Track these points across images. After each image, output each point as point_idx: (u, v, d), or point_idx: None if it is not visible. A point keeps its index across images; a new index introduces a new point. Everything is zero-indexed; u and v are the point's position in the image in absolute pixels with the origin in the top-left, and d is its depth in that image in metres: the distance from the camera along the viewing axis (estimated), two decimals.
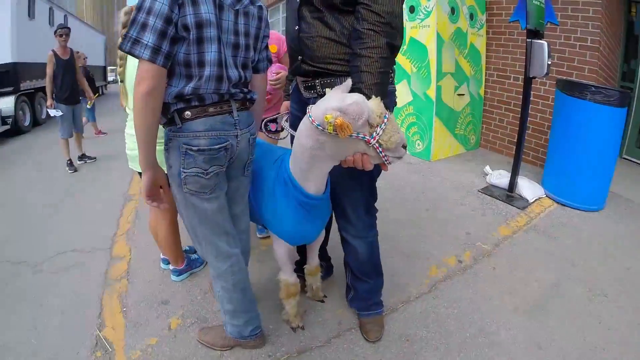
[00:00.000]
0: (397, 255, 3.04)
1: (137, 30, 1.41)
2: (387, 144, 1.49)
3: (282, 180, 1.88)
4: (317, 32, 1.79)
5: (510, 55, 5.15)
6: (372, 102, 1.48)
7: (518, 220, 3.52)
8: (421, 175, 4.76)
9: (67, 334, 2.37)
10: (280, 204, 1.91)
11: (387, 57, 1.59)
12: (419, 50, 5.12)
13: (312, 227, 2.00)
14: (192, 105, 1.61)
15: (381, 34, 1.56)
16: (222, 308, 2.06)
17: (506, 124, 5.29)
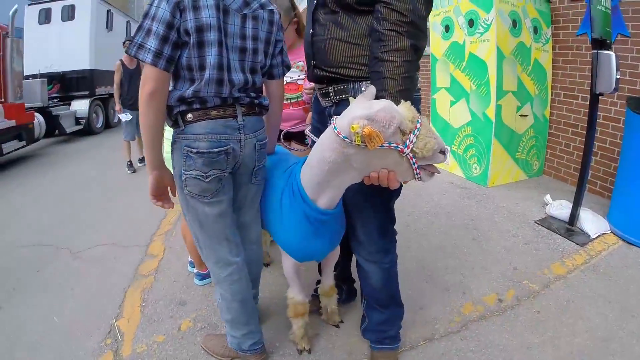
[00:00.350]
0: (431, 287, 2.82)
1: (142, 36, 1.52)
2: (423, 152, 1.35)
3: (290, 190, 1.80)
4: (329, 34, 1.68)
5: (578, 72, 4.70)
6: (402, 107, 1.37)
7: (575, 258, 3.13)
8: (474, 201, 4.44)
9: (87, 317, 2.68)
10: (287, 215, 1.84)
11: (411, 60, 1.46)
12: (478, 66, 4.82)
13: (320, 243, 1.89)
14: (194, 108, 1.66)
15: (404, 34, 1.43)
16: (221, 317, 2.11)
17: (572, 149, 4.82)
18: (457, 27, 5.14)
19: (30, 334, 2.57)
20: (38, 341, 2.50)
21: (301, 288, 2.12)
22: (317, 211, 1.71)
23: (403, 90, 1.45)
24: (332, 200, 1.70)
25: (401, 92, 1.44)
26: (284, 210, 1.83)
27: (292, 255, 1.94)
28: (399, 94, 1.43)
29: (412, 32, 1.44)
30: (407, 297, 2.62)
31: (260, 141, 1.87)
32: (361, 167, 1.47)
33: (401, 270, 2.89)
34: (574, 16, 4.71)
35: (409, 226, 3.83)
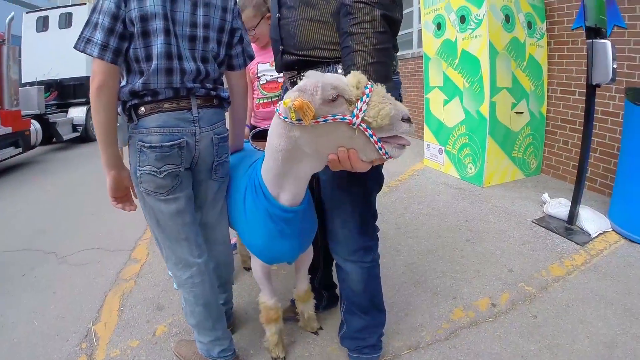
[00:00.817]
0: (419, 291, 2.67)
1: (89, 30, 1.47)
2: (377, 120, 1.16)
3: (252, 187, 1.69)
4: (298, 15, 1.56)
5: (574, 67, 4.55)
6: (350, 74, 1.22)
7: (575, 258, 2.95)
8: (469, 202, 4.26)
9: (65, 321, 2.68)
10: (250, 214, 1.73)
11: (383, 31, 1.31)
12: (471, 63, 4.68)
13: (288, 244, 1.75)
14: (145, 100, 1.61)
15: (374, 5, 1.29)
16: (187, 321, 1.99)
17: (571, 147, 4.65)
18: (448, 24, 5.01)
19: (9, 336, 2.59)
20: (16, 343, 2.50)
21: (272, 292, 2.01)
22: (279, 208, 1.60)
23: (375, 63, 1.30)
24: (294, 195, 1.58)
25: (373, 65, 1.30)
26: (248, 208, 1.73)
27: (258, 256, 1.82)
28: (370, 67, 1.29)
29: (383, 3, 1.30)
30: (392, 302, 2.53)
31: (218, 134, 1.80)
32: (314, 151, 1.33)
33: (388, 274, 2.84)
34: (568, 10, 4.58)
35: (400, 228, 3.67)
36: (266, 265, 1.90)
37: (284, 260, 1.88)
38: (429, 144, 5.80)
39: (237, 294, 2.76)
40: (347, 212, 1.73)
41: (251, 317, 2.49)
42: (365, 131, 1.18)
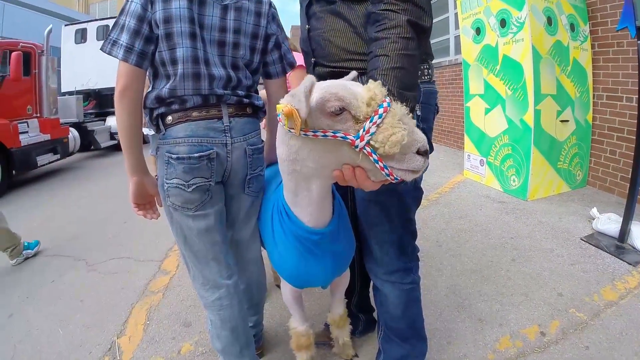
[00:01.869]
0: (462, 316, 2.60)
1: (117, 32, 1.49)
2: (386, 147, 1.04)
3: (277, 207, 1.61)
4: (328, 26, 1.57)
5: (621, 71, 4.42)
6: (365, 86, 1.11)
7: (628, 280, 2.86)
8: (513, 216, 4.19)
9: (90, 332, 2.71)
10: (278, 236, 1.63)
11: (409, 37, 1.27)
12: (513, 69, 4.62)
13: (319, 267, 1.64)
14: (173, 109, 1.59)
15: (400, 12, 1.27)
16: (212, 344, 1.92)
17: (618, 157, 4.51)
18: (488, 28, 4.97)
19: (34, 343, 2.64)
20: (39, 351, 2.55)
21: (303, 317, 1.95)
22: (305, 230, 1.51)
23: (397, 68, 1.23)
24: (316, 216, 1.49)
25: (395, 70, 1.23)
26: (275, 229, 1.64)
27: (287, 280, 1.75)
28: (391, 72, 1.23)
29: (410, 10, 1.28)
30: (434, 329, 2.49)
31: (252, 145, 1.74)
32: (315, 165, 1.24)
33: (430, 297, 2.81)
34: (612, 10, 4.47)
35: (441, 245, 3.63)
36: (296, 290, 1.83)
37: (315, 284, 1.80)
38: (470, 155, 5.73)
39: (268, 313, 2.73)
40: (383, 231, 1.69)
41: (282, 340, 2.47)
42: (370, 155, 1.08)
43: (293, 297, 1.88)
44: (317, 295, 2.92)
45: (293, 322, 1.95)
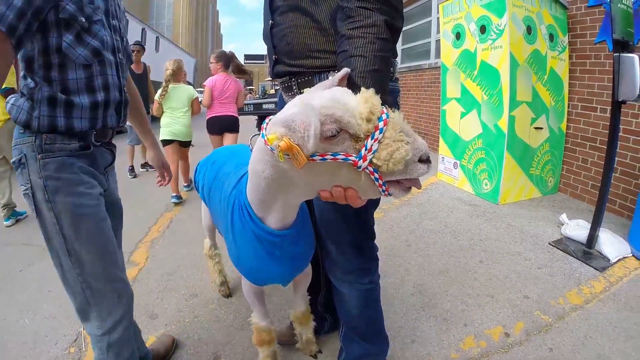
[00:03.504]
0: (427, 316, 2.56)
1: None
2: (389, 165, 0.93)
3: (239, 205, 1.51)
4: (291, 21, 1.48)
5: (596, 82, 4.44)
6: (358, 98, 0.97)
7: (594, 285, 2.84)
8: (484, 219, 4.17)
9: (56, 323, 2.62)
10: (238, 233, 1.53)
11: (385, 38, 1.22)
12: (490, 75, 4.61)
13: (278, 267, 1.57)
14: None
15: (376, 11, 1.20)
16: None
17: (590, 165, 4.54)
18: (468, 34, 4.95)
19: (0, 333, 2.56)
20: (5, 342, 2.47)
21: (264, 313, 1.90)
22: (266, 231, 1.43)
23: (375, 70, 1.18)
24: (282, 220, 1.41)
25: (373, 73, 1.17)
26: (235, 226, 1.54)
27: (246, 277, 1.69)
28: (369, 75, 1.17)
29: (385, 10, 1.22)
30: (398, 327, 2.44)
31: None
32: (306, 186, 1.14)
33: (396, 295, 2.77)
34: (591, 23, 4.50)
35: (410, 245, 3.58)
36: (257, 287, 1.79)
37: (276, 282, 1.74)
38: (444, 157, 5.71)
39: (235, 307, 2.73)
40: (340, 231, 1.64)
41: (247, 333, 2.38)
42: (372, 175, 0.98)
43: (253, 293, 1.84)
44: (283, 290, 2.82)
45: (254, 317, 1.91)
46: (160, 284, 3.09)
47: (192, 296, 2.90)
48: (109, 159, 1.69)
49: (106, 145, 1.65)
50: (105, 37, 1.47)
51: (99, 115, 1.49)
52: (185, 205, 5.13)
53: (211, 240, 2.85)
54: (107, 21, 1.51)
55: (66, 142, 1.42)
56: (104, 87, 1.49)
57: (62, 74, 1.37)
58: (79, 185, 1.44)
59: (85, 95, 1.43)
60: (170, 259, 3.52)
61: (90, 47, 1.40)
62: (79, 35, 1.37)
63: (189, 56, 26.53)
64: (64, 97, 1.38)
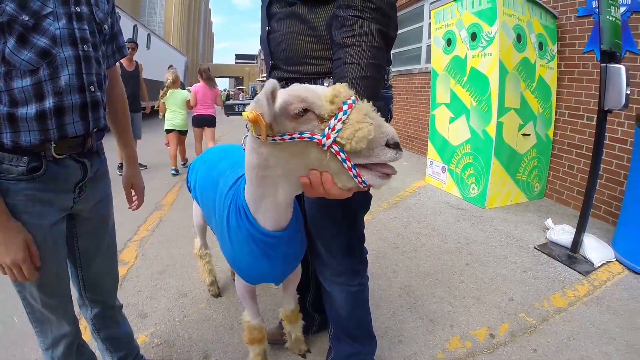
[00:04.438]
0: (414, 317, 2.57)
1: None
2: (352, 143, 0.97)
3: (235, 205, 1.52)
4: (288, 28, 1.49)
5: (584, 91, 4.52)
6: (331, 86, 1.05)
7: (577, 288, 2.88)
8: (470, 223, 4.21)
9: None
10: (234, 233, 1.54)
11: (379, 46, 1.24)
12: (479, 81, 4.66)
13: (272, 266, 1.59)
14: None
15: (370, 20, 1.23)
16: None
17: (576, 172, 4.61)
18: (459, 40, 5.00)
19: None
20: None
21: (256, 311, 1.91)
22: (262, 232, 1.45)
23: (367, 77, 1.20)
24: (276, 220, 1.43)
25: (364, 80, 1.20)
26: (231, 226, 1.56)
27: (240, 275, 1.71)
28: (361, 82, 1.19)
29: (379, 19, 1.24)
30: (386, 327, 2.45)
31: None
32: (285, 171, 1.19)
33: (384, 297, 2.78)
34: (580, 33, 4.58)
35: (398, 247, 3.60)
36: (250, 285, 1.80)
37: (268, 281, 1.77)
38: (432, 162, 5.76)
39: (224, 306, 2.73)
40: (330, 234, 1.66)
41: (237, 332, 2.43)
42: (338, 154, 1.01)
43: (247, 292, 1.84)
44: (273, 291, 2.85)
45: (246, 315, 1.91)
46: (150, 283, 3.08)
47: (182, 295, 2.89)
48: (79, 174, 1.45)
49: (79, 157, 1.43)
50: (57, 30, 1.27)
51: (50, 125, 1.28)
52: (175, 205, 5.13)
53: (202, 240, 2.84)
54: (66, 10, 1.31)
55: (14, 163, 1.26)
56: (56, 92, 1.28)
57: (7, 84, 1.21)
58: (23, 214, 1.30)
59: (33, 105, 1.24)
60: (159, 258, 3.50)
61: (37, 48, 1.23)
62: (23, 37, 1.20)
63: (180, 54, 26.34)
64: (6, 110, 1.21)
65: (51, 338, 1.53)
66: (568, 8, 4.72)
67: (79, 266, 1.65)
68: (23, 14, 1.19)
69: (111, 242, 1.77)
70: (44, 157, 1.31)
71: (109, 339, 1.87)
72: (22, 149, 1.26)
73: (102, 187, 1.63)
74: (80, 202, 1.49)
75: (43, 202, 1.34)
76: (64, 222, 1.46)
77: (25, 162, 1.27)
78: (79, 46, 1.34)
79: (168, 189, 6.00)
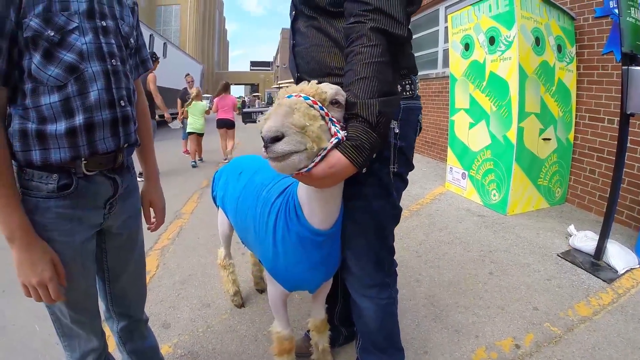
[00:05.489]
0: (439, 327, 2.64)
1: None
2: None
3: (286, 209, 1.60)
4: (310, 41, 1.55)
5: (604, 93, 4.55)
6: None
7: (602, 296, 2.94)
8: (492, 231, 4.27)
9: None
10: (280, 239, 1.62)
11: (374, 44, 1.23)
12: (499, 86, 4.71)
13: (313, 270, 1.66)
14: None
15: (367, 21, 1.24)
16: None
17: (598, 176, 4.64)
18: (477, 45, 5.06)
19: (9, 338, 2.57)
20: (14, 347, 2.48)
21: (287, 321, 1.95)
22: (310, 231, 1.53)
23: (361, 79, 1.22)
24: (325, 219, 1.51)
25: (359, 82, 1.22)
26: (278, 232, 1.63)
27: (280, 282, 1.74)
28: (356, 84, 1.22)
29: (378, 19, 1.24)
30: (410, 338, 2.52)
31: None
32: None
33: (408, 307, 2.86)
34: (599, 34, 4.61)
35: (421, 256, 3.68)
36: (286, 293, 1.82)
37: (306, 288, 1.83)
38: (452, 168, 5.82)
39: (248, 317, 2.79)
40: (360, 247, 1.68)
41: (261, 344, 2.48)
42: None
43: (280, 299, 1.87)
44: (296, 302, 2.92)
45: (277, 326, 1.94)
46: (172, 292, 3.15)
47: (205, 306, 2.95)
48: (110, 191, 1.44)
49: (110, 173, 1.43)
50: (84, 45, 1.27)
51: (80, 142, 1.27)
52: (195, 214, 5.25)
53: (226, 250, 2.87)
54: (92, 24, 1.31)
55: (43, 180, 1.27)
56: (85, 108, 1.27)
57: (35, 100, 1.22)
58: (53, 232, 1.30)
59: (63, 121, 1.24)
60: (180, 267, 3.59)
61: (64, 63, 1.22)
62: (49, 53, 1.20)
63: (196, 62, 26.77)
64: (35, 127, 1.22)
65: (79, 353, 1.54)
66: (585, 9, 4.76)
67: (107, 280, 1.66)
68: (48, 29, 1.19)
69: (140, 256, 1.79)
70: (74, 174, 1.31)
71: (135, 352, 1.88)
72: (51, 166, 1.26)
73: (132, 202, 1.63)
74: (110, 218, 1.49)
75: (73, 219, 1.34)
76: (94, 239, 1.47)
77: (55, 179, 1.27)
78: (107, 61, 1.34)
79: (185, 197, 6.14)
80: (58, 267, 1.29)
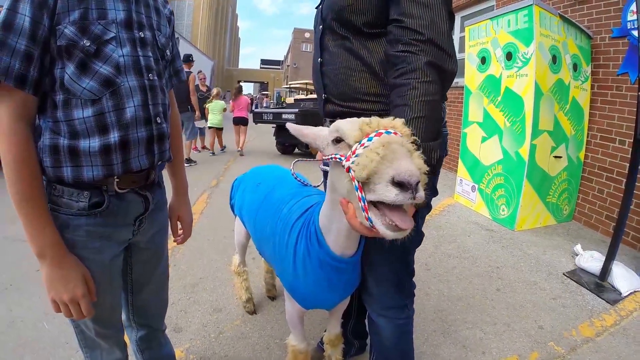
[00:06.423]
0: (447, 342, 2.77)
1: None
2: (361, 172, 1.00)
3: (307, 232, 1.63)
4: (341, 63, 1.55)
5: (616, 114, 4.69)
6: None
7: (605, 318, 3.09)
8: (500, 246, 4.43)
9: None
10: (300, 260, 1.65)
11: (429, 80, 1.22)
12: (514, 102, 4.83)
13: (332, 292, 1.71)
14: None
15: (419, 54, 1.23)
16: None
17: (606, 196, 4.79)
18: (494, 59, 5.18)
19: (16, 335, 2.61)
20: (22, 345, 2.51)
21: (304, 335, 2.00)
22: (332, 257, 1.53)
23: (419, 118, 1.20)
24: (345, 245, 1.51)
25: (416, 120, 1.20)
26: (298, 253, 1.65)
27: (298, 301, 1.77)
28: (416, 122, 1.19)
29: (429, 50, 1.23)
30: (420, 352, 2.62)
31: None
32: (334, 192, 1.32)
33: (417, 321, 2.93)
34: (615, 54, 4.72)
35: (430, 269, 3.83)
36: (303, 310, 1.84)
37: (323, 307, 1.86)
38: (462, 180, 5.96)
39: (260, 324, 2.88)
40: (382, 272, 1.70)
41: (273, 352, 2.55)
42: (353, 180, 1.05)
43: (298, 317, 1.92)
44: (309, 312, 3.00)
45: (293, 340, 1.99)
46: (183, 296, 3.22)
47: (216, 311, 3.03)
48: (141, 208, 1.44)
49: (142, 190, 1.43)
50: (121, 58, 1.24)
51: (115, 160, 1.25)
52: (205, 214, 5.41)
53: (241, 257, 2.92)
54: (129, 35, 1.27)
55: (74, 198, 1.25)
56: (121, 125, 1.24)
57: (67, 113, 1.18)
58: (83, 249, 1.29)
59: (96, 138, 1.20)
60: (191, 270, 3.66)
61: (99, 76, 1.19)
62: (83, 64, 1.17)
63: (207, 58, 27.01)
64: (67, 143, 1.19)
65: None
66: (602, 28, 4.87)
67: (130, 292, 1.67)
68: (84, 38, 1.15)
69: (164, 269, 1.79)
70: (106, 192, 1.29)
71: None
72: (83, 183, 1.24)
73: (160, 217, 1.62)
74: (139, 234, 1.48)
75: (103, 237, 1.32)
76: (122, 255, 1.47)
77: (86, 197, 1.25)
78: (144, 75, 1.31)
79: (198, 195, 6.31)
80: (89, 283, 1.29)
